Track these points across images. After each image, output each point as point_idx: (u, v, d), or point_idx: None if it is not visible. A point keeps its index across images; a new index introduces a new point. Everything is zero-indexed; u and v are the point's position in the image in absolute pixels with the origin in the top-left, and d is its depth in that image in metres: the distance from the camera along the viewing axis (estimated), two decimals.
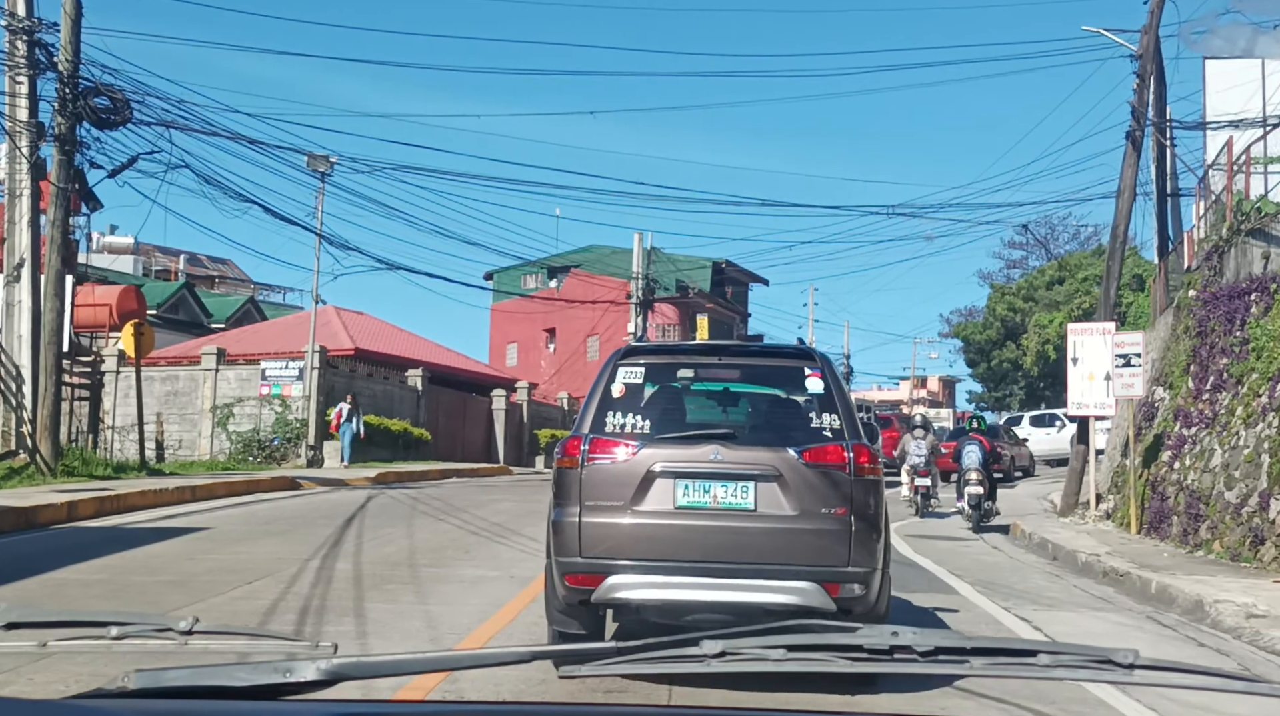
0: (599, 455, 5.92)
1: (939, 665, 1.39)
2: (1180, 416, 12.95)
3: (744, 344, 8.01)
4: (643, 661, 1.44)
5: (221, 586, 8.66)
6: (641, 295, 36.89)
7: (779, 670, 1.40)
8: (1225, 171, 14.87)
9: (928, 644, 1.40)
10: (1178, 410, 13.17)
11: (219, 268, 65.33)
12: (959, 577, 10.88)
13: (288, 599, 8.16)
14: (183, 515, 14.18)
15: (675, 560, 5.73)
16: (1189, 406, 12.85)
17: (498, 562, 10.38)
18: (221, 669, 1.46)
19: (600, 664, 1.44)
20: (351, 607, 7.88)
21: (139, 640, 1.56)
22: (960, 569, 11.59)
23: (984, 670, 1.41)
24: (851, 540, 5.75)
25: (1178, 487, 11.94)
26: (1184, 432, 12.62)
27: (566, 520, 5.90)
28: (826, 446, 5.91)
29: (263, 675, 1.43)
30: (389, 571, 9.59)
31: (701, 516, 5.79)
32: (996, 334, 54.85)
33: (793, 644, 1.41)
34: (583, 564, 5.81)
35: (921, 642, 1.40)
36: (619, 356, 6.51)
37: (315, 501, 16.94)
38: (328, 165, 24.04)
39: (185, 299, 44.46)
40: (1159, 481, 12.79)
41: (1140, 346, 12.67)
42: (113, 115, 16.03)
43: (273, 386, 25.89)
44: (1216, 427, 11.80)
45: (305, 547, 10.96)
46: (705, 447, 5.86)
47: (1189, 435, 12.46)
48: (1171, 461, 12.62)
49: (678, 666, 1.42)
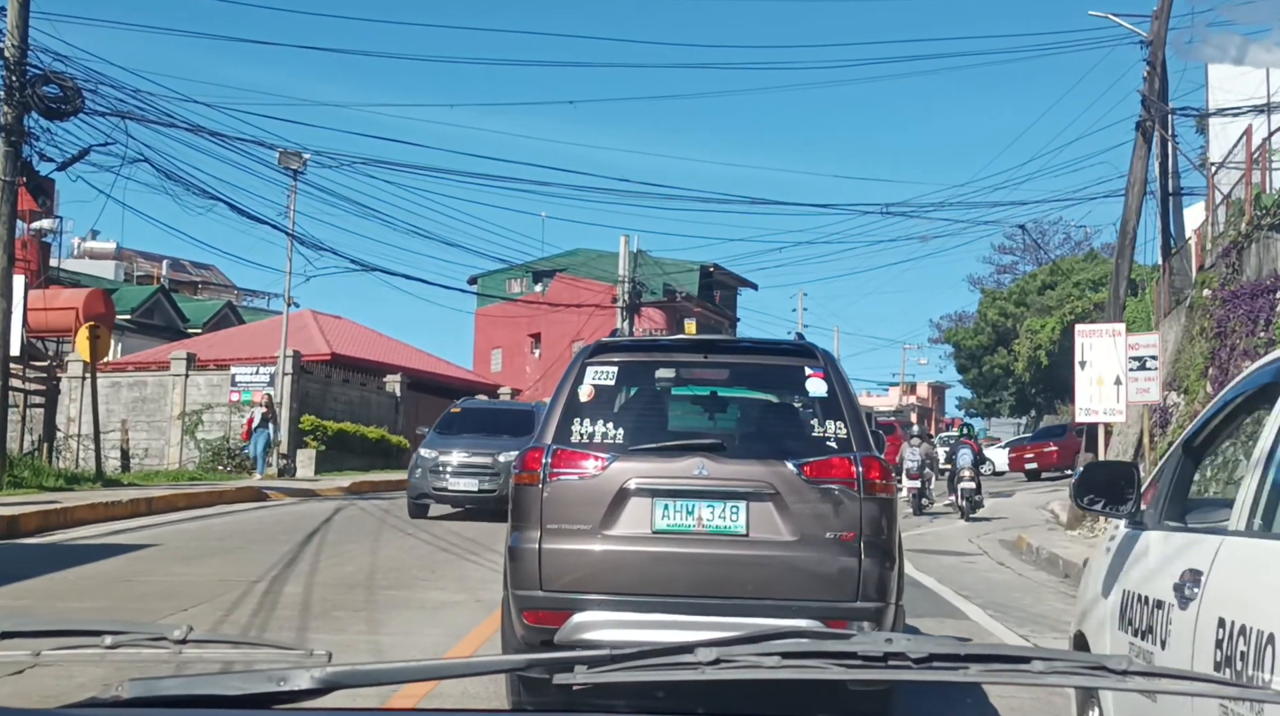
0: (563, 470, 5.10)
1: (934, 671, 1.40)
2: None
3: (734, 339, 7.10)
4: (637, 668, 1.46)
5: (152, 614, 7.73)
6: (628, 299, 35.93)
7: (774, 677, 1.40)
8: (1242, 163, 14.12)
9: (922, 651, 1.41)
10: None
11: (202, 273, 64.48)
12: (967, 599, 10.05)
13: (221, 630, 7.25)
14: (132, 530, 13.25)
15: (653, 594, 4.92)
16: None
17: (465, 584, 9.49)
18: (215, 677, 1.45)
19: (594, 671, 1.44)
20: (290, 641, 6.97)
21: (133, 649, 1.55)
22: (967, 588, 10.75)
23: (979, 676, 1.40)
24: (861, 570, 4.95)
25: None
26: None
27: (525, 546, 5.06)
28: (831, 458, 5.10)
29: (257, 683, 1.42)
30: (342, 596, 8.68)
31: (684, 542, 4.99)
32: (988, 339, 54.20)
33: (788, 651, 1.43)
34: (543, 598, 5.00)
35: (916, 649, 1.41)
36: (587, 353, 5.62)
37: (280, 514, 16.00)
38: (300, 162, 23.12)
39: (160, 303, 43.45)
40: None
41: (1156, 347, 11.85)
42: (63, 104, 15.09)
43: (243, 392, 24.90)
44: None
45: (255, 567, 10.04)
46: (688, 460, 5.05)
47: None
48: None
49: (672, 673, 1.43)
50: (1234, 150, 14.38)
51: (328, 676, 1.41)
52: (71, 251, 55.05)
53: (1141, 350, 11.87)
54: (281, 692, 1.41)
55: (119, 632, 1.55)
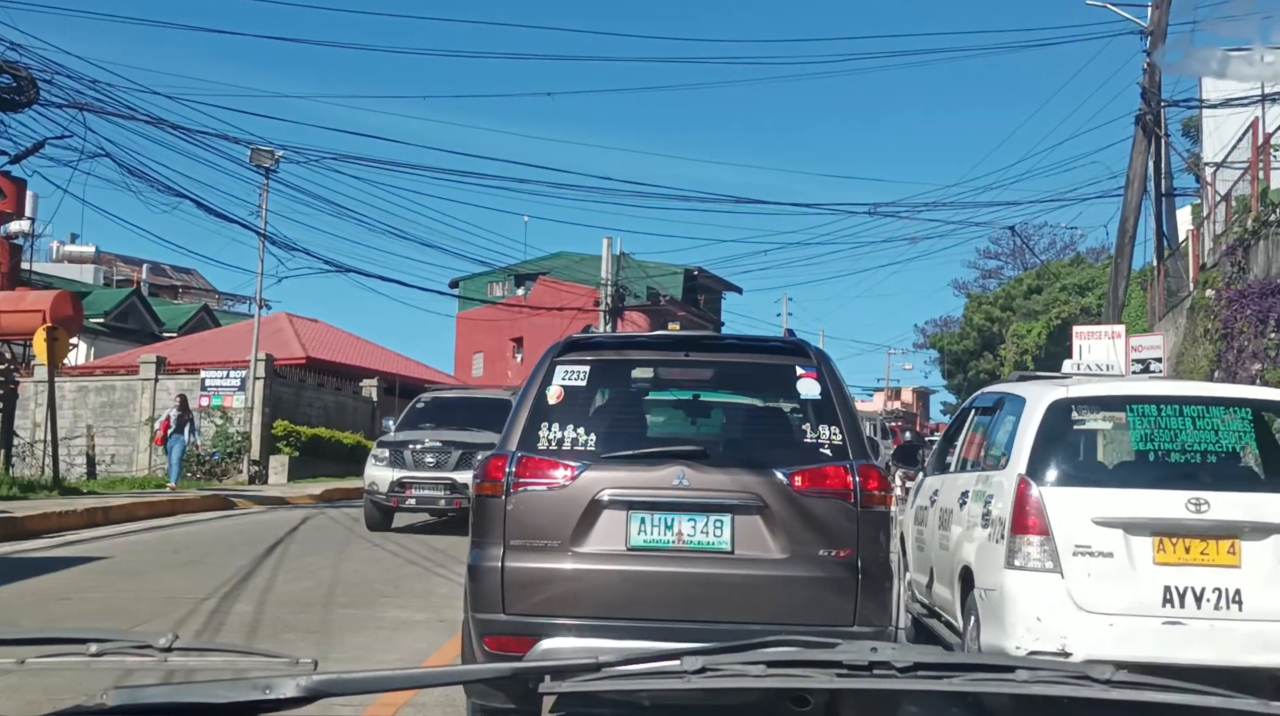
0: (529, 479, 4.61)
1: (918, 680, 1.39)
2: None
3: (717, 336, 6.56)
4: (623, 677, 1.44)
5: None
6: (611, 302, 35.29)
7: (759, 686, 1.41)
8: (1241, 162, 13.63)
9: (906, 659, 1.40)
10: None
11: (183, 277, 63.81)
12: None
13: None
14: (85, 541, 12.57)
15: (628, 619, 4.43)
16: None
17: (430, 601, 8.87)
18: (200, 685, 1.42)
19: (580, 680, 1.42)
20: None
21: (118, 657, 1.55)
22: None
23: (964, 685, 1.40)
24: (859, 591, 4.51)
25: None
26: None
27: (486, 565, 4.58)
28: (825, 467, 4.64)
29: (242, 692, 1.40)
30: (295, 615, 8.04)
31: (662, 560, 4.52)
32: (974, 344, 53.79)
33: (773, 660, 1.43)
34: (506, 623, 4.51)
35: (900, 658, 1.40)
36: (556, 352, 5.11)
37: (244, 523, 15.32)
38: (272, 160, 22.45)
39: (135, 307, 42.71)
40: None
41: (1161, 349, 11.31)
42: (16, 95, 14.40)
43: (213, 397, 24.16)
44: None
45: (208, 582, 9.40)
46: (668, 469, 4.56)
47: None
48: None
49: (658, 682, 1.42)
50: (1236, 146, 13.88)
51: (313, 685, 1.41)
52: (50, 255, 54.29)
53: (1145, 352, 11.33)
54: (267, 701, 1.41)
55: (104, 641, 1.54)
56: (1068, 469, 5.61)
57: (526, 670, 1.48)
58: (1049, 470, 5.45)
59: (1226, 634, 5.17)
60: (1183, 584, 5.21)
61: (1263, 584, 5.19)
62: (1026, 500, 5.38)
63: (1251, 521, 5.25)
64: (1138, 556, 5.24)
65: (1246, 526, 5.24)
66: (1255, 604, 5.17)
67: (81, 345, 36.01)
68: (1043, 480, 5.40)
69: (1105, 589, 5.23)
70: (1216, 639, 5.16)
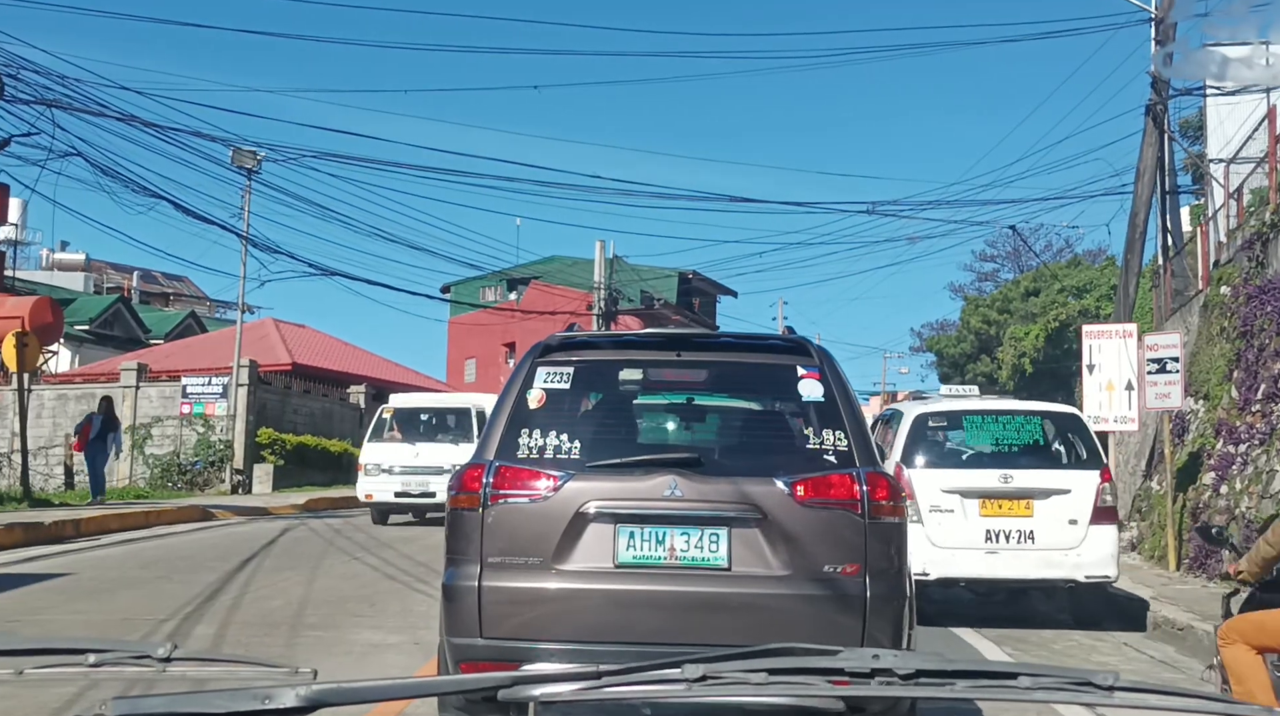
0: (508, 491, 4.28)
1: (921, 688, 1.39)
2: (1223, 431, 11.09)
3: (712, 334, 6.05)
4: (624, 685, 1.42)
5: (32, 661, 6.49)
6: (604, 306, 34.72)
7: (761, 694, 1.41)
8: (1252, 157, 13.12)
9: (909, 666, 1.40)
10: (1219, 423, 11.32)
11: (174, 284, 63.29)
12: (973, 627, 8.92)
13: (100, 687, 6.01)
14: (50, 556, 11.97)
15: (616, 642, 4.10)
16: (1234, 419, 11.00)
17: (407, 620, 8.29)
18: (199, 696, 1.39)
19: (580, 688, 1.41)
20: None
21: (117, 667, 1.54)
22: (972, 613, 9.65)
23: (966, 692, 1.40)
24: (867, 610, 4.17)
25: (1227, 516, 10.08)
26: (1230, 450, 10.77)
27: (462, 584, 4.26)
28: (829, 476, 4.30)
29: (241, 702, 1.37)
30: (260, 638, 7.46)
31: (653, 578, 4.20)
32: (970, 347, 53.39)
33: (775, 667, 1.43)
34: (484, 647, 4.19)
35: (902, 665, 1.40)
36: (537, 352, 4.72)
37: (219, 536, 14.73)
38: (254, 161, 21.88)
39: (121, 313, 42.13)
40: (1201, 508, 10.92)
41: (1177, 348, 10.78)
42: None
43: (194, 404, 23.53)
44: (1275, 444, 9.94)
45: (171, 602, 8.82)
46: (659, 479, 4.23)
47: (1237, 453, 10.60)
48: (1216, 484, 10.76)
49: (659, 690, 1.43)
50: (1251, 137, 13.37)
51: (313, 694, 1.39)
52: (40, 263, 53.65)
53: (1161, 351, 10.81)
54: (267, 710, 1.38)
55: (103, 651, 1.56)
56: (927, 457, 8.74)
57: (527, 679, 1.44)
58: (915, 458, 8.66)
59: (1025, 558, 8.32)
60: (997, 528, 8.38)
61: (1047, 527, 8.33)
62: (901, 478, 8.19)
63: (1040, 487, 8.40)
64: (969, 511, 8.42)
65: (1037, 491, 8.40)
66: (1042, 539, 8.32)
67: (65, 352, 35.40)
68: (911, 465, 8.57)
69: (949, 532, 8.36)
70: (1019, 562, 8.33)
